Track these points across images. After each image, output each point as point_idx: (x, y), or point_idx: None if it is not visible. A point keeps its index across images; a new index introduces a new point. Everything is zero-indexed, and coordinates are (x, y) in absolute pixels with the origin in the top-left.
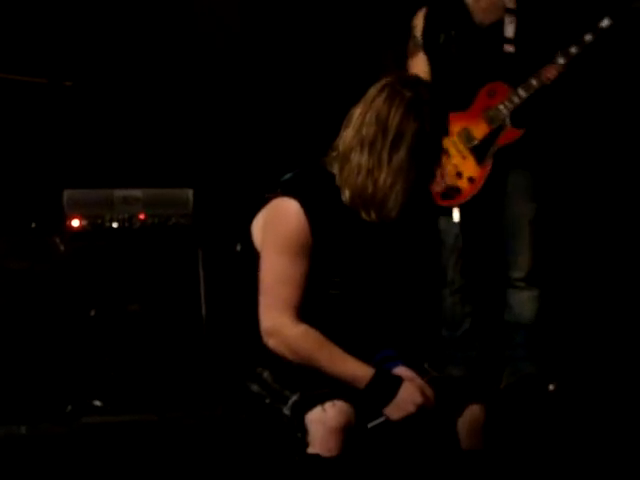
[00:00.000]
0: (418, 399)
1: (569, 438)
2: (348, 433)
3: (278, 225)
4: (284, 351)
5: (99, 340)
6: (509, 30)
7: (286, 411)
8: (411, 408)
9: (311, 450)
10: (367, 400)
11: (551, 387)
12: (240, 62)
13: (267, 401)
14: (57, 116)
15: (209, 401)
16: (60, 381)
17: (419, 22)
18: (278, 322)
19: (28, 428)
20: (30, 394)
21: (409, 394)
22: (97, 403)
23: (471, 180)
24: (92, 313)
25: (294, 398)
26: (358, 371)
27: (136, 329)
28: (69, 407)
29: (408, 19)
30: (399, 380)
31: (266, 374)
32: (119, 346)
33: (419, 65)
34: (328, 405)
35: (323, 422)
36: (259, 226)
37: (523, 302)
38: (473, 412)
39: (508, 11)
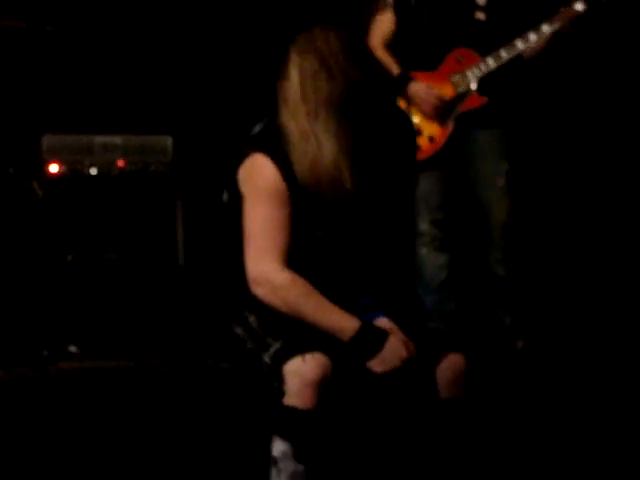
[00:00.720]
0: (403, 353)
1: (536, 394)
2: (325, 386)
3: (255, 179)
4: (272, 299)
5: (76, 286)
6: None
7: (266, 359)
8: (396, 362)
9: (287, 401)
10: (351, 353)
11: (520, 344)
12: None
13: (249, 346)
14: (37, 61)
15: (186, 348)
16: (36, 326)
17: None
18: (265, 270)
19: (4, 372)
20: (6, 338)
21: (394, 348)
22: (73, 349)
23: (431, 139)
24: (69, 258)
25: (276, 346)
26: (344, 322)
27: (114, 275)
28: (45, 352)
29: None
30: (384, 334)
31: (252, 319)
32: (96, 292)
33: (386, 23)
34: (307, 357)
35: (300, 374)
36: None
37: (499, 258)
38: (451, 361)
39: None
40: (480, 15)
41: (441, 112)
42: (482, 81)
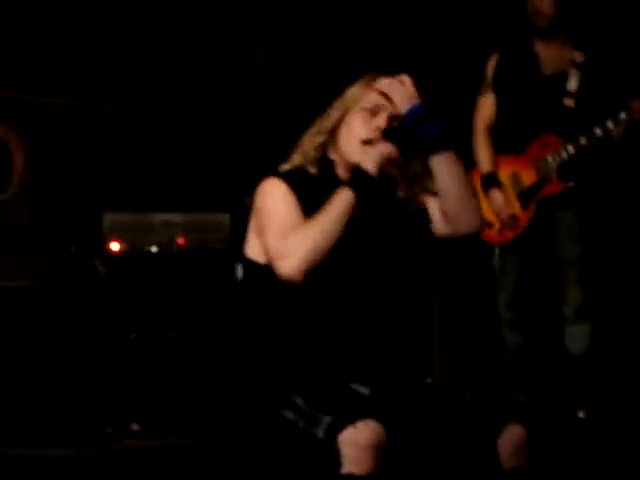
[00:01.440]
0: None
1: (599, 464)
2: (380, 452)
3: (266, 197)
4: (297, 258)
5: (138, 364)
6: (572, 84)
7: (319, 434)
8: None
9: (345, 470)
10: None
11: (581, 414)
12: (272, 90)
13: (301, 426)
14: (98, 140)
15: (243, 427)
16: (99, 404)
17: (491, 64)
18: (284, 245)
19: (68, 450)
20: (70, 416)
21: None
22: (135, 427)
23: (514, 219)
24: (132, 336)
25: (327, 420)
26: (338, 196)
27: (175, 353)
28: (109, 430)
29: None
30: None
31: (299, 400)
32: (158, 370)
33: (487, 104)
34: (360, 424)
35: (355, 441)
36: (251, 231)
37: (573, 336)
38: (512, 431)
39: (575, 65)
40: (569, 102)
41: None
42: (564, 166)
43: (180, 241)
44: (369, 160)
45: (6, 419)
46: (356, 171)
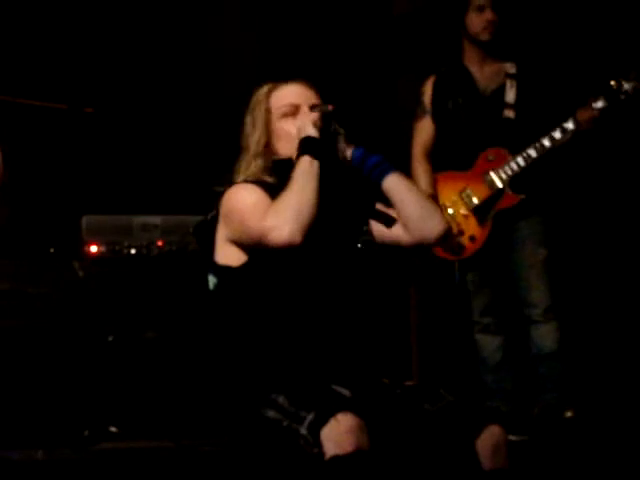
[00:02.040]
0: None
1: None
2: (362, 437)
3: (233, 199)
4: (286, 233)
5: (116, 366)
6: (509, 95)
7: (303, 431)
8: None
9: (328, 456)
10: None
11: (569, 414)
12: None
13: (284, 424)
14: (77, 142)
15: (225, 428)
16: (77, 406)
17: (427, 89)
18: (270, 222)
19: (45, 453)
20: (47, 419)
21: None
22: (113, 429)
23: (472, 239)
24: (110, 339)
25: (310, 417)
26: (297, 165)
27: (153, 355)
28: (86, 432)
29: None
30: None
31: (281, 399)
32: (136, 372)
33: (425, 129)
34: (339, 415)
35: (336, 429)
36: (220, 239)
37: (543, 335)
38: (492, 432)
39: (508, 76)
40: (509, 113)
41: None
42: (514, 179)
43: (159, 243)
44: (306, 126)
45: None
46: (302, 140)
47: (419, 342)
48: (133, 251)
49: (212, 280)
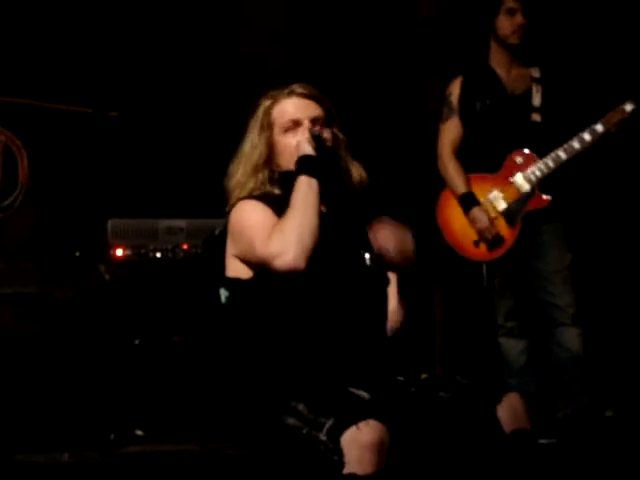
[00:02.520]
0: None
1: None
2: (383, 452)
3: (239, 216)
4: (290, 259)
5: (142, 369)
6: (536, 99)
7: (322, 437)
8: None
9: (347, 470)
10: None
11: (608, 413)
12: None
13: (304, 431)
14: (102, 146)
15: (248, 434)
16: (103, 410)
17: (455, 90)
18: (276, 245)
19: (71, 455)
20: (73, 422)
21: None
22: (139, 432)
23: (502, 240)
24: (136, 342)
25: (329, 423)
26: (296, 185)
27: (179, 359)
28: (112, 436)
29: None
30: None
31: (301, 406)
32: (162, 376)
33: (452, 129)
34: (361, 424)
35: (357, 440)
36: (229, 255)
37: (570, 339)
38: (511, 399)
39: (534, 80)
40: (536, 116)
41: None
42: (543, 181)
43: (184, 247)
44: (302, 144)
45: (10, 424)
46: (299, 159)
47: (443, 343)
48: (158, 254)
49: (224, 294)
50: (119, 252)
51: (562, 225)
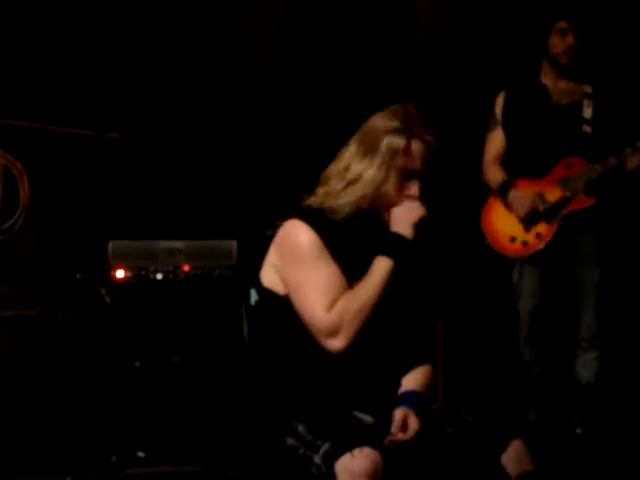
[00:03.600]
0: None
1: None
2: (375, 478)
3: (293, 242)
4: (349, 336)
5: (143, 391)
6: (587, 112)
7: (317, 460)
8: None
9: None
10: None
11: (579, 430)
12: (283, 117)
13: (300, 452)
14: (102, 168)
15: (251, 453)
16: (105, 432)
17: (499, 101)
18: (332, 319)
19: (73, 478)
20: (75, 445)
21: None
22: (141, 454)
23: (538, 236)
24: (137, 364)
25: (325, 447)
26: (378, 266)
27: (180, 380)
28: (114, 458)
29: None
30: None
31: (301, 427)
32: (163, 397)
33: (496, 140)
34: (356, 451)
35: (349, 469)
36: (270, 263)
37: (583, 364)
38: (516, 446)
39: (586, 95)
40: (587, 128)
41: (534, 219)
42: (589, 185)
43: (185, 268)
44: (405, 226)
45: (11, 447)
46: (393, 237)
47: (446, 358)
48: (159, 276)
49: (254, 296)
50: (120, 274)
51: (596, 237)
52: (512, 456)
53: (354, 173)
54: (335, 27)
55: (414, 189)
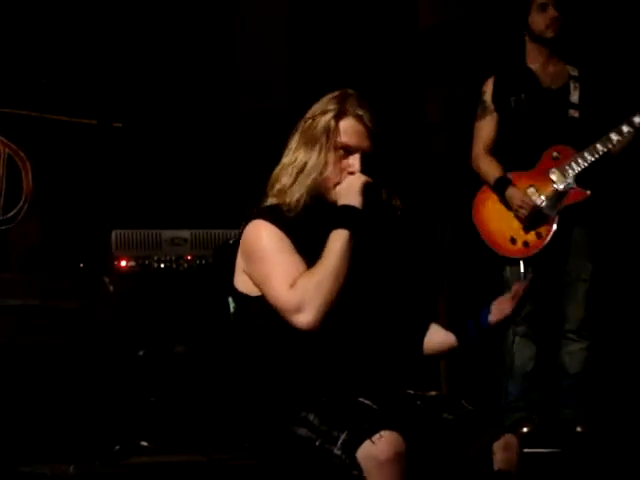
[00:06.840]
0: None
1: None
2: (402, 462)
3: (255, 240)
4: (317, 315)
5: (147, 380)
6: (574, 96)
7: (337, 451)
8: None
9: None
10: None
11: (579, 429)
12: (284, 104)
13: (317, 444)
14: (106, 157)
15: (255, 443)
16: (108, 421)
17: (488, 88)
18: (299, 296)
19: (76, 467)
20: (78, 434)
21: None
22: (144, 444)
23: (539, 235)
24: (140, 353)
25: (343, 437)
26: (335, 238)
27: (183, 370)
28: (117, 447)
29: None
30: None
31: (312, 417)
32: (166, 387)
33: (486, 127)
34: (376, 438)
35: (374, 456)
36: (240, 268)
37: (571, 354)
38: (509, 440)
39: (572, 78)
40: (574, 112)
41: (535, 220)
42: (580, 176)
43: (188, 258)
44: (350, 196)
45: (14, 436)
46: (343, 209)
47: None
48: (162, 265)
49: (232, 304)
50: (123, 263)
51: (589, 231)
52: (502, 449)
53: (299, 164)
54: (337, 18)
55: (354, 163)
